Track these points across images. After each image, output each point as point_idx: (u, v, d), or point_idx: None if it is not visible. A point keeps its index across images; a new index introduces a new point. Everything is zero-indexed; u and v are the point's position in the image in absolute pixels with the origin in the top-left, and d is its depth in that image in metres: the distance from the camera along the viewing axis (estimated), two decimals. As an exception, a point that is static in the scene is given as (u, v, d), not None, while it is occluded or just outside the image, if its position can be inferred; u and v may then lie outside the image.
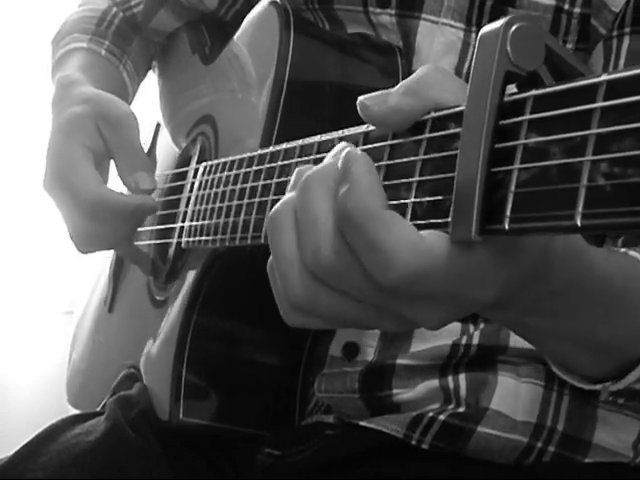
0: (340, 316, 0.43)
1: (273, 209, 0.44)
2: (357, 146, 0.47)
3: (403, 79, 0.43)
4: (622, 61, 0.67)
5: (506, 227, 0.36)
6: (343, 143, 0.45)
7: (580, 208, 0.32)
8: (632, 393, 0.56)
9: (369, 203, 0.39)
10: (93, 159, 0.76)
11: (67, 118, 0.77)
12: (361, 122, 0.45)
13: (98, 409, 0.89)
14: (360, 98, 0.43)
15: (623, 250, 0.58)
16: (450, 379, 0.69)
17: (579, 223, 0.32)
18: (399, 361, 0.70)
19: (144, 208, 0.76)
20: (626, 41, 0.67)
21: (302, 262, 0.42)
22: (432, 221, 0.40)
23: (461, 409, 0.68)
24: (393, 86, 0.43)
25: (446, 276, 0.39)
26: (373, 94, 0.43)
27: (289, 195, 0.44)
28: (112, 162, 0.80)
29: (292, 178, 0.45)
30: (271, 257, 0.45)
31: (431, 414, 0.68)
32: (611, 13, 0.67)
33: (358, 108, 0.43)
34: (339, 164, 0.41)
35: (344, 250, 0.40)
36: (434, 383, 0.70)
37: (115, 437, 0.75)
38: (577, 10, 0.68)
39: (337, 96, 0.71)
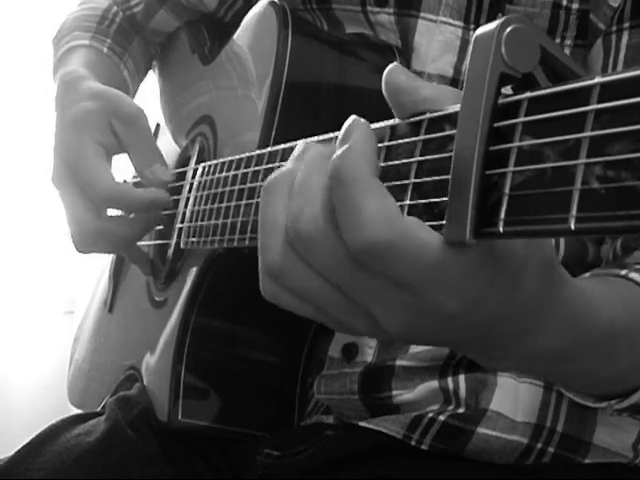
0: (309, 295, 0.43)
1: (269, 176, 0.44)
2: None
3: None
4: (622, 55, 0.66)
5: (500, 230, 0.35)
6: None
7: (574, 211, 0.32)
8: (637, 409, 0.56)
9: (360, 166, 0.39)
10: (105, 154, 0.77)
11: (78, 113, 0.77)
12: None
13: (98, 409, 0.89)
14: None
15: (623, 272, 0.57)
16: (450, 380, 0.69)
17: (573, 226, 0.32)
18: (398, 362, 0.70)
19: (159, 202, 0.77)
20: (625, 36, 0.66)
21: (285, 229, 0.43)
22: (428, 223, 0.40)
23: (461, 410, 0.68)
24: None
25: (412, 264, 0.38)
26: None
27: (289, 166, 0.44)
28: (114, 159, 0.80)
29: (295, 149, 0.45)
30: None
31: (431, 415, 0.68)
32: (610, 8, 0.67)
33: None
34: (343, 128, 0.41)
35: (323, 218, 0.41)
36: (434, 384, 0.69)
37: (115, 437, 0.76)
38: (575, 6, 0.68)
39: (335, 96, 0.71)
